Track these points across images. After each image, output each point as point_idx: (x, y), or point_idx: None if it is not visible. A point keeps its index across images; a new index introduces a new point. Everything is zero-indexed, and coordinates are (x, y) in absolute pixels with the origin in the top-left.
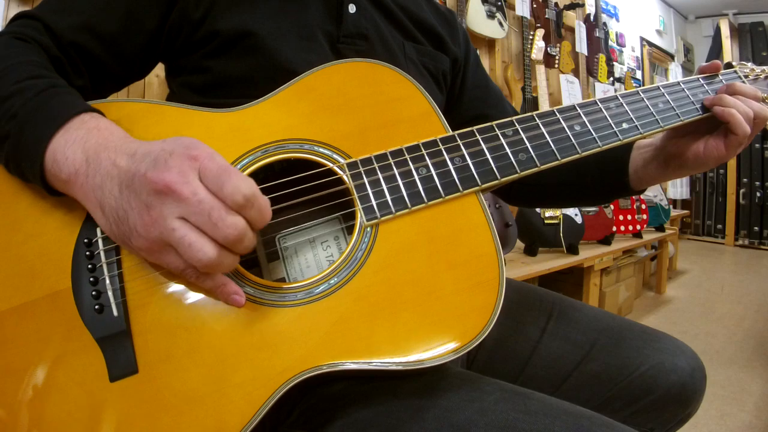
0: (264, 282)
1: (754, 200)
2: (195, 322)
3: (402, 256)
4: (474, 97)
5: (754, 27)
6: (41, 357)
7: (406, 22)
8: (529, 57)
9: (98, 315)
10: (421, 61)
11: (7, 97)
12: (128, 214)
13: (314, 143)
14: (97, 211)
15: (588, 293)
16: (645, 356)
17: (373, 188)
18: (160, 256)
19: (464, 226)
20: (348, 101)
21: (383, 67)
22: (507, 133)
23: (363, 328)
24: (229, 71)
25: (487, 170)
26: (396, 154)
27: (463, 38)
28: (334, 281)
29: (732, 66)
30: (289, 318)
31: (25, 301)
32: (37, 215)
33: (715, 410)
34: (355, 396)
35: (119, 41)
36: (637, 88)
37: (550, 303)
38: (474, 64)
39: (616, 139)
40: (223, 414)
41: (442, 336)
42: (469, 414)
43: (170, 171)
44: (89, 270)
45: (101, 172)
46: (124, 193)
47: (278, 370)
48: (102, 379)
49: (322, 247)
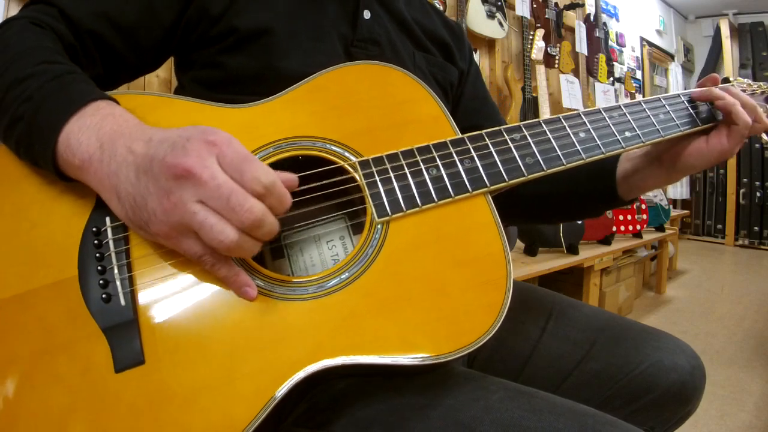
0: (275, 275)
1: (754, 200)
2: (204, 313)
3: (412, 254)
4: (470, 108)
5: (754, 27)
6: (44, 345)
7: (418, 32)
8: (529, 57)
9: (105, 304)
10: (431, 71)
11: (23, 79)
12: (147, 200)
13: (326, 141)
14: (113, 197)
15: (588, 293)
16: (645, 355)
17: (384, 186)
18: (179, 241)
19: (473, 225)
20: (359, 101)
21: (395, 70)
22: (515, 138)
23: (373, 324)
24: (243, 68)
25: (496, 172)
26: (407, 155)
27: (468, 51)
28: (345, 276)
29: (729, 81)
30: (299, 311)
31: (29, 288)
32: (44, 203)
33: (715, 410)
34: (360, 394)
35: (137, 32)
36: (639, 99)
37: (549, 302)
38: (474, 76)
39: (619, 147)
40: (231, 406)
41: (450, 333)
42: (474, 412)
43: (189, 155)
44: (97, 259)
45: (117, 158)
46: (141, 178)
47: (288, 363)
48: (107, 370)
49: (327, 246)
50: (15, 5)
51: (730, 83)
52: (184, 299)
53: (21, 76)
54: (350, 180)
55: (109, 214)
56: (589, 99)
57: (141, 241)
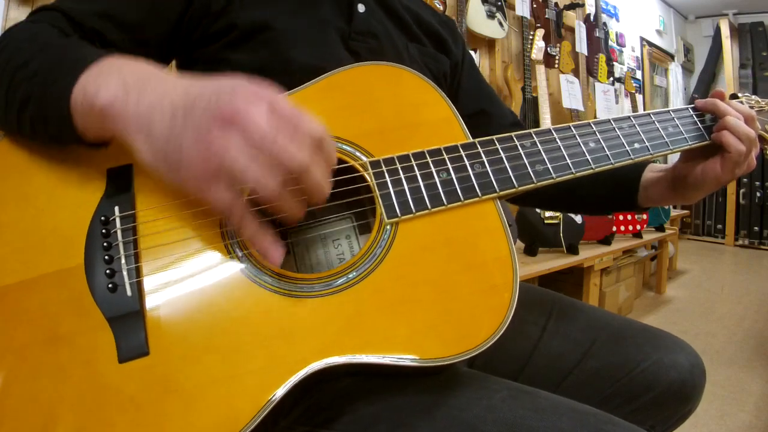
0: (283, 272)
1: (754, 200)
2: (211, 307)
3: (420, 256)
4: (469, 95)
5: (754, 27)
6: (48, 333)
7: (411, 23)
8: (529, 57)
9: (111, 294)
10: (424, 61)
11: (28, 60)
12: (182, 142)
13: (337, 140)
14: (139, 138)
15: (588, 293)
16: (645, 353)
17: (394, 187)
18: (209, 188)
19: (481, 230)
20: (371, 102)
21: (407, 71)
22: (525, 144)
23: (379, 323)
24: (245, 64)
25: (505, 178)
26: (418, 156)
27: (461, 43)
28: (353, 275)
29: (737, 97)
30: (306, 308)
31: (34, 275)
32: (51, 191)
33: (715, 410)
34: (362, 392)
35: (141, 30)
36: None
37: (549, 302)
38: (468, 66)
39: (628, 158)
40: (235, 401)
41: (456, 335)
42: (477, 412)
43: (237, 100)
44: (104, 248)
45: (148, 99)
46: (179, 120)
47: (294, 360)
48: (111, 360)
49: (333, 245)
50: (15, 5)
51: (738, 99)
52: (190, 292)
53: (27, 57)
54: (360, 180)
55: (118, 204)
56: (589, 99)
57: (149, 232)
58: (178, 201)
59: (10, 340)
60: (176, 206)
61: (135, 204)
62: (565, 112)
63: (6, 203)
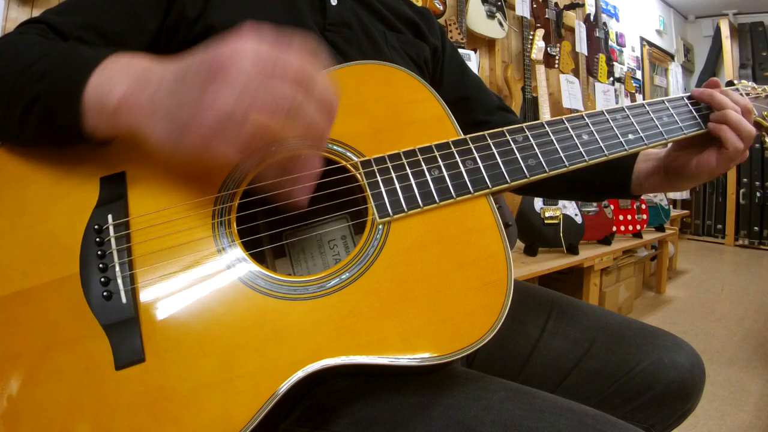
0: (276, 275)
1: (754, 200)
2: (205, 312)
3: (413, 254)
4: (452, 81)
5: (754, 27)
6: (46, 342)
7: (386, 13)
8: (529, 57)
9: (106, 302)
10: (404, 48)
11: (31, 64)
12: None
13: (329, 140)
14: (151, 120)
15: (588, 293)
16: (644, 353)
17: (386, 186)
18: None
19: (474, 227)
20: (363, 101)
21: (399, 70)
22: (517, 139)
23: (373, 324)
24: None
25: (498, 174)
26: (409, 155)
27: (439, 30)
28: (345, 276)
29: (734, 84)
30: (300, 311)
31: (30, 285)
32: (46, 200)
33: (715, 410)
34: (359, 394)
35: (123, 40)
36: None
37: (549, 302)
38: (450, 53)
39: (622, 149)
40: (230, 405)
41: (450, 334)
42: (475, 412)
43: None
44: (98, 256)
45: (153, 83)
46: (179, 85)
47: (288, 363)
48: (107, 367)
49: (329, 245)
50: (15, 5)
51: (735, 86)
52: (184, 297)
53: (32, 59)
54: (352, 179)
55: (112, 212)
56: (589, 99)
57: (143, 239)
58: (172, 207)
59: (11, 349)
60: (169, 213)
61: (128, 211)
62: (565, 112)
63: (4, 214)
